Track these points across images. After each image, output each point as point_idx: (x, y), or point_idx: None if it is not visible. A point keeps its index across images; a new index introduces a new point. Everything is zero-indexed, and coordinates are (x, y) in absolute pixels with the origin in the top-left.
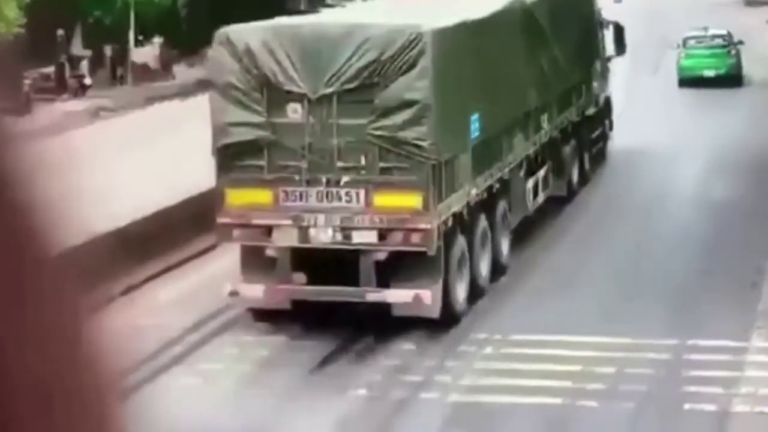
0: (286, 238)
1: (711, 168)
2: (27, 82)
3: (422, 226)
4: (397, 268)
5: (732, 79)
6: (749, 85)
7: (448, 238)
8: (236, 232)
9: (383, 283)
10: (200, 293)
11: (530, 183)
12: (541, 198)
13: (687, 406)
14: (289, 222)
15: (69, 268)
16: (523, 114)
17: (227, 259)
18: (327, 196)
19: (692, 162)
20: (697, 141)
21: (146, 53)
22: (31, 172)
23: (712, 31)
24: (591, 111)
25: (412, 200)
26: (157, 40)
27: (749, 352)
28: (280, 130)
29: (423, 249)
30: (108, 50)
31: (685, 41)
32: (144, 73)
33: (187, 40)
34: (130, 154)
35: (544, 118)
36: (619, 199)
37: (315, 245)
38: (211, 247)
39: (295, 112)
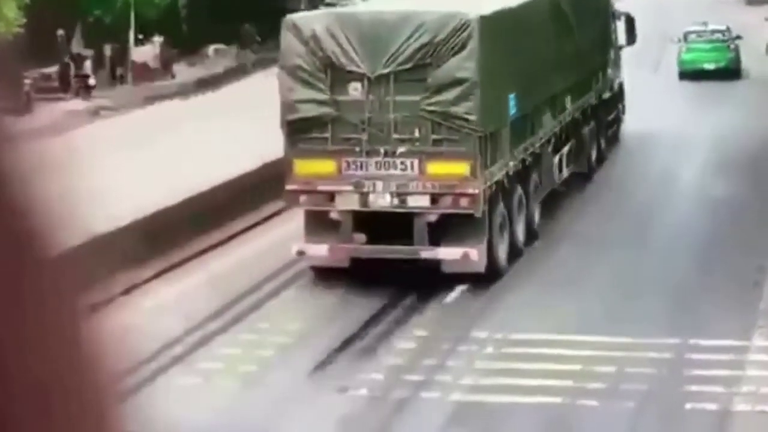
0: (348, 203)
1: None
2: (27, 81)
3: (470, 191)
4: (447, 229)
5: (731, 72)
6: (747, 78)
7: (491, 203)
8: (302, 198)
9: (435, 242)
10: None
11: (556, 159)
12: (565, 173)
13: (688, 406)
14: (350, 188)
15: (69, 267)
16: (551, 95)
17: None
18: (385, 165)
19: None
20: (700, 127)
21: (146, 52)
22: (31, 171)
23: (711, 26)
24: (606, 95)
25: (461, 168)
26: (158, 39)
27: (750, 351)
28: (342, 106)
29: (470, 211)
30: (108, 50)
31: (685, 35)
32: (144, 72)
33: (188, 39)
34: (135, 151)
35: (568, 99)
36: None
37: (374, 209)
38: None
39: (355, 90)
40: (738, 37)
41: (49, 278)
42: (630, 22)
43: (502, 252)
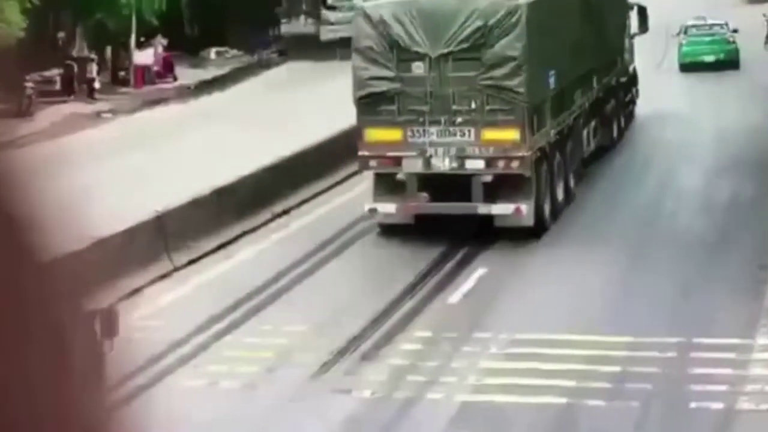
0: (412, 166)
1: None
2: (29, 85)
3: (520, 154)
4: (499, 188)
5: (729, 63)
6: (745, 69)
7: (536, 165)
8: (372, 162)
9: (489, 200)
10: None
11: (585, 132)
12: (592, 145)
13: (693, 405)
14: (415, 153)
15: (66, 271)
16: (581, 74)
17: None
18: (445, 133)
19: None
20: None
21: (148, 55)
22: (27, 176)
23: (710, 21)
24: (624, 78)
25: (512, 134)
26: (161, 41)
27: (755, 349)
28: (407, 82)
29: (520, 172)
30: (109, 52)
31: (685, 29)
32: (146, 74)
33: (189, 42)
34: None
35: (594, 79)
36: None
37: (436, 171)
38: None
39: (419, 68)
40: (735, 31)
41: (45, 282)
42: (642, 12)
43: (546, 209)
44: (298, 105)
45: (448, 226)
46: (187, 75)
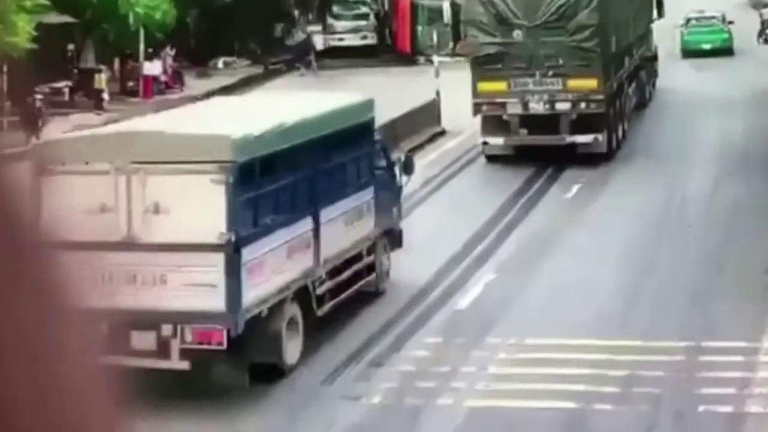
0: (515, 109)
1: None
2: (38, 96)
3: (597, 97)
4: (581, 123)
5: (725, 50)
6: (740, 54)
7: (608, 106)
8: (484, 107)
9: (573, 132)
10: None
11: (629, 89)
12: (633, 101)
13: (701, 408)
14: (516, 100)
15: (65, 275)
16: (628, 43)
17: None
18: (539, 83)
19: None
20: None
21: (156, 66)
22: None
23: (708, 13)
24: (649, 54)
25: (591, 83)
26: (169, 52)
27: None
28: (510, 46)
29: (598, 111)
30: (118, 63)
31: (686, 20)
32: (154, 85)
33: (197, 52)
34: None
35: (634, 50)
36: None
37: (533, 112)
38: None
39: (518, 35)
40: (731, 22)
41: (44, 286)
42: (660, 1)
43: (614, 140)
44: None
45: (537, 156)
46: (195, 85)
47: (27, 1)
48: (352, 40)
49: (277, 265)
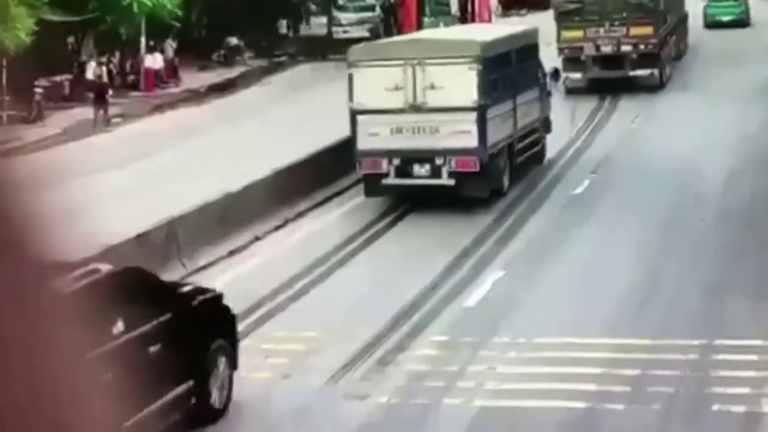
0: (590, 51)
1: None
2: (39, 90)
3: (653, 41)
4: (640, 61)
5: (742, 22)
6: (753, 25)
7: (660, 48)
8: (566, 51)
9: (634, 68)
10: None
11: (671, 40)
12: (673, 51)
13: (715, 407)
14: (591, 44)
15: (63, 274)
16: (672, 3)
17: None
18: (609, 31)
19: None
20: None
21: (157, 59)
22: (27, 182)
23: None
24: (683, 15)
25: (648, 30)
26: (171, 44)
27: None
28: (587, 3)
29: (654, 51)
30: (119, 57)
31: None
32: (155, 78)
33: (199, 45)
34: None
35: (674, 9)
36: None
37: (603, 53)
38: None
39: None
40: None
41: (41, 286)
42: None
43: (664, 76)
44: (305, 109)
45: (604, 88)
46: (196, 79)
47: None
48: (357, 32)
49: (499, 126)
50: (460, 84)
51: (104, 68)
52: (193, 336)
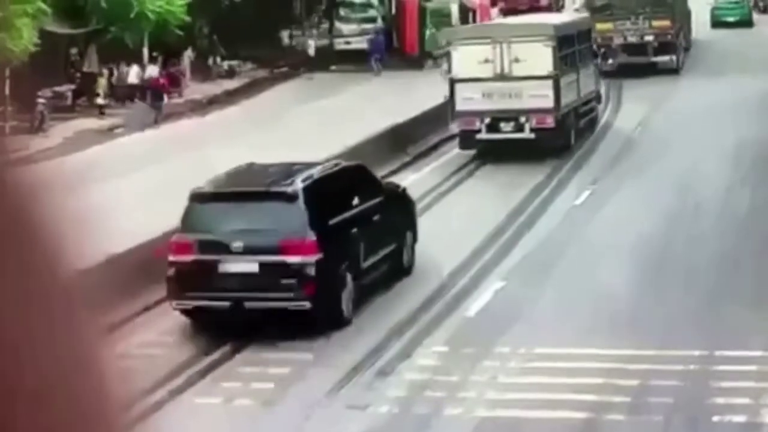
0: (619, 40)
1: (739, 48)
2: (41, 101)
3: (671, 32)
4: (661, 49)
5: (745, 22)
6: (757, 26)
7: (676, 37)
8: (599, 40)
9: (656, 55)
10: None
11: (682, 32)
12: (684, 43)
13: (715, 418)
14: (620, 35)
15: (80, 284)
16: (682, 2)
17: None
18: (634, 24)
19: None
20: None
21: (155, 71)
22: (39, 189)
23: None
24: (687, 12)
25: (667, 23)
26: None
27: None
28: (616, 2)
29: (671, 41)
30: (122, 67)
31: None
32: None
33: (201, 56)
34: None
35: (682, 7)
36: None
37: (629, 42)
38: None
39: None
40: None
41: (60, 294)
42: None
43: (679, 61)
44: (309, 118)
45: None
46: (198, 90)
47: (29, 6)
48: (359, 44)
49: (567, 92)
50: (539, 57)
51: (103, 80)
52: (395, 213)
